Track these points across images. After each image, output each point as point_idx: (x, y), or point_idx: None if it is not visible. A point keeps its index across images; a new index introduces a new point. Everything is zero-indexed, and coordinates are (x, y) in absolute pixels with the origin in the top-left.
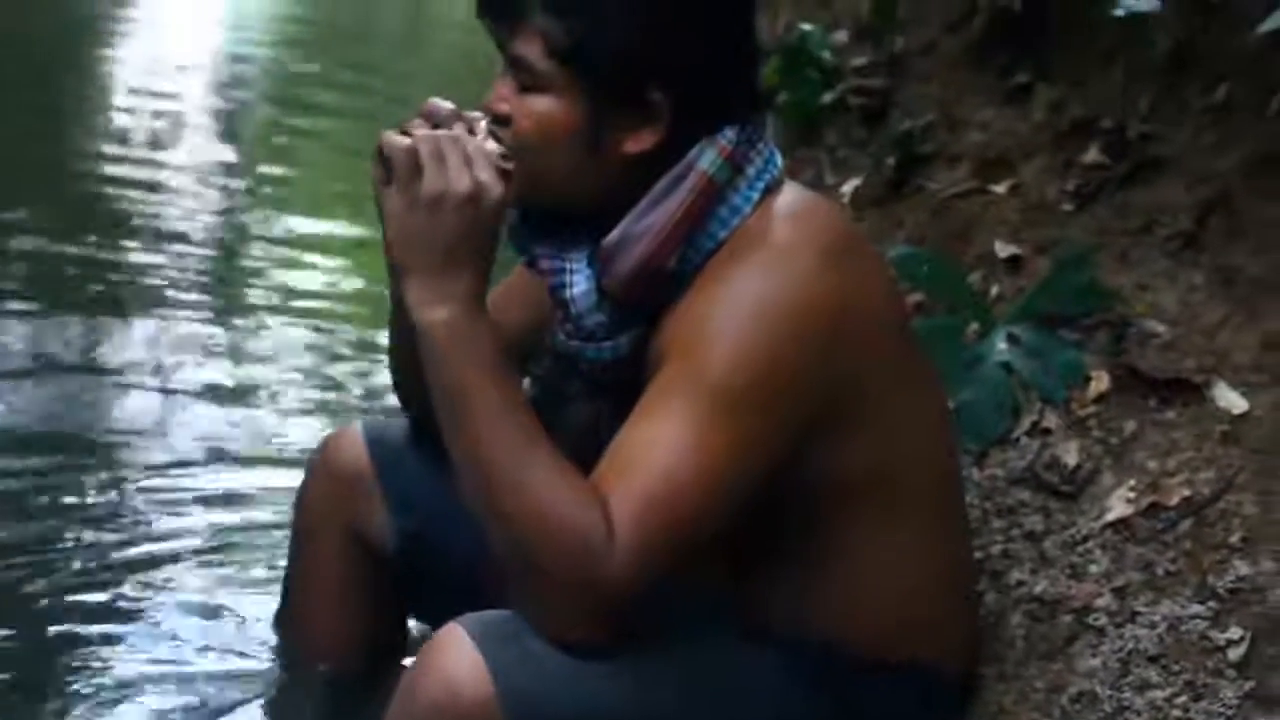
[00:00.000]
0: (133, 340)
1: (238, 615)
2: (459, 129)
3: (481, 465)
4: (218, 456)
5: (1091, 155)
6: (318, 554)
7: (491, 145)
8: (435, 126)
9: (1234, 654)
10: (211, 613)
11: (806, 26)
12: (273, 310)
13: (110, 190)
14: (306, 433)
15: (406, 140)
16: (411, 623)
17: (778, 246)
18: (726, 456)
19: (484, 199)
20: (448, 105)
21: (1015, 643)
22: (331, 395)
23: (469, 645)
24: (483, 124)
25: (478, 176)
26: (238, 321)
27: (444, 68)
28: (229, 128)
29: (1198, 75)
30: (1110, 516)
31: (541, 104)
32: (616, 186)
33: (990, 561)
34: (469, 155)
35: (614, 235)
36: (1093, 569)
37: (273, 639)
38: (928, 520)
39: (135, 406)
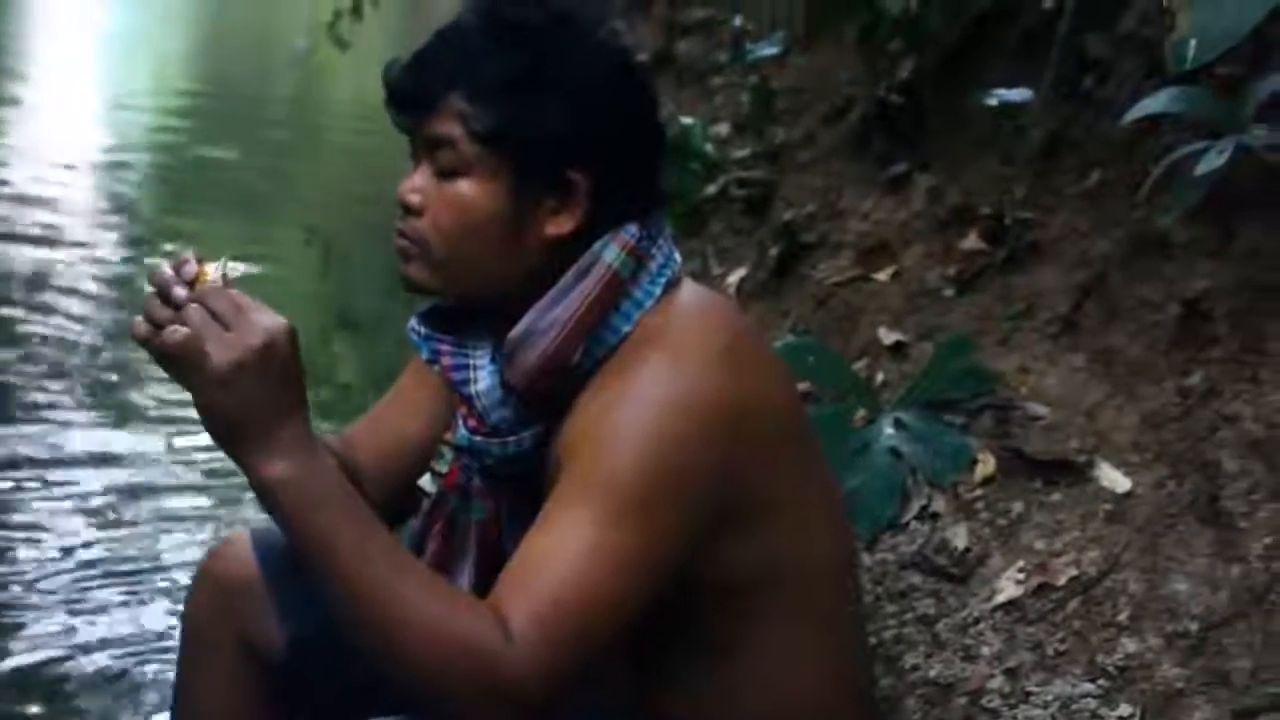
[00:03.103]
0: (17, 447)
1: None
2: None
3: (356, 600)
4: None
5: (970, 241)
6: (207, 666)
7: (227, 273)
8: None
9: None
10: None
11: (688, 120)
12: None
13: None
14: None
15: (179, 331)
16: None
17: (679, 344)
18: (629, 556)
19: (277, 340)
20: (169, 271)
21: None
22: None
23: None
24: (192, 263)
25: (259, 323)
26: (126, 429)
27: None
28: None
29: (1070, 162)
30: (1000, 598)
31: (463, 188)
32: (530, 274)
33: (884, 647)
34: (239, 304)
35: (519, 330)
36: (985, 651)
37: None
38: (826, 612)
39: (20, 511)
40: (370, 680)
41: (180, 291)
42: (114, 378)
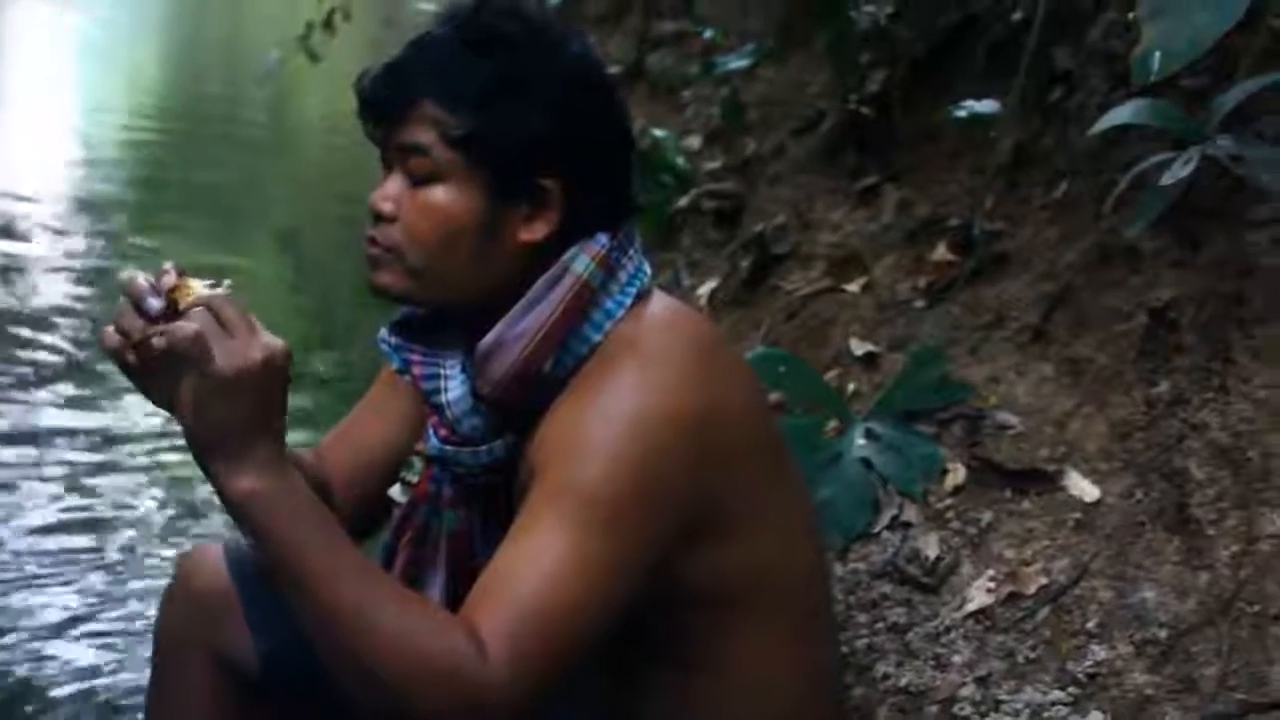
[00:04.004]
0: None
1: None
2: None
3: (328, 618)
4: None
5: (940, 252)
6: (180, 680)
7: (218, 292)
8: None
9: None
10: None
11: (659, 132)
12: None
13: None
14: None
15: (189, 326)
16: None
17: (648, 357)
18: (602, 568)
19: (275, 359)
20: (144, 283)
21: None
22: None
23: None
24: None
25: (262, 337)
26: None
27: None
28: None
29: (1038, 173)
30: (971, 607)
31: (438, 194)
32: (501, 282)
33: (856, 656)
34: (245, 317)
35: (489, 339)
36: (956, 659)
37: None
38: (798, 621)
39: None
40: (344, 694)
41: (155, 303)
42: (87, 390)
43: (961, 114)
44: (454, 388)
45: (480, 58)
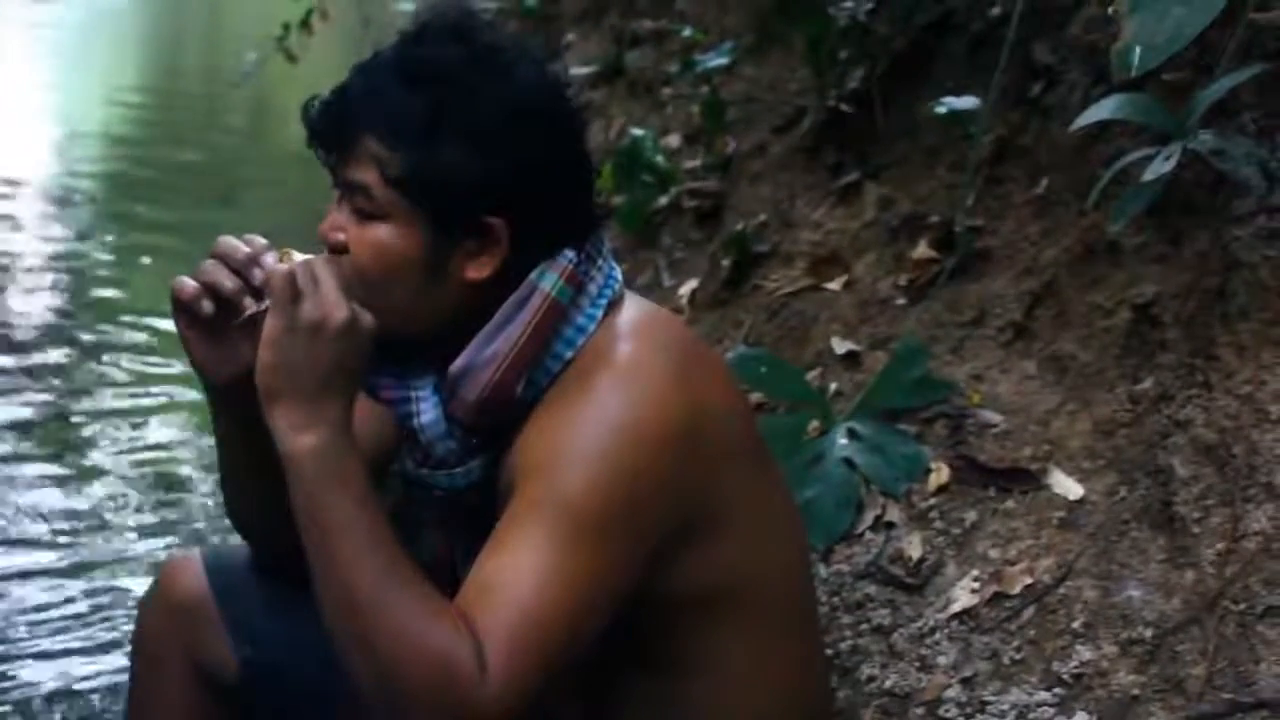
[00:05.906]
0: None
1: None
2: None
3: (345, 594)
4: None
5: (921, 250)
6: (158, 687)
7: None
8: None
9: None
10: None
11: (638, 131)
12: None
13: None
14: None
15: (285, 266)
16: None
17: (625, 365)
18: (589, 579)
19: (359, 328)
20: (244, 247)
21: None
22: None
23: None
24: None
25: (351, 305)
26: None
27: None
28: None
29: (1019, 169)
30: (956, 607)
31: (380, 232)
32: (460, 312)
33: (841, 658)
34: (339, 282)
35: (460, 362)
36: (941, 660)
37: None
38: (782, 624)
39: None
40: (320, 704)
41: (258, 274)
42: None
43: (941, 110)
44: (427, 410)
45: (418, 91)
